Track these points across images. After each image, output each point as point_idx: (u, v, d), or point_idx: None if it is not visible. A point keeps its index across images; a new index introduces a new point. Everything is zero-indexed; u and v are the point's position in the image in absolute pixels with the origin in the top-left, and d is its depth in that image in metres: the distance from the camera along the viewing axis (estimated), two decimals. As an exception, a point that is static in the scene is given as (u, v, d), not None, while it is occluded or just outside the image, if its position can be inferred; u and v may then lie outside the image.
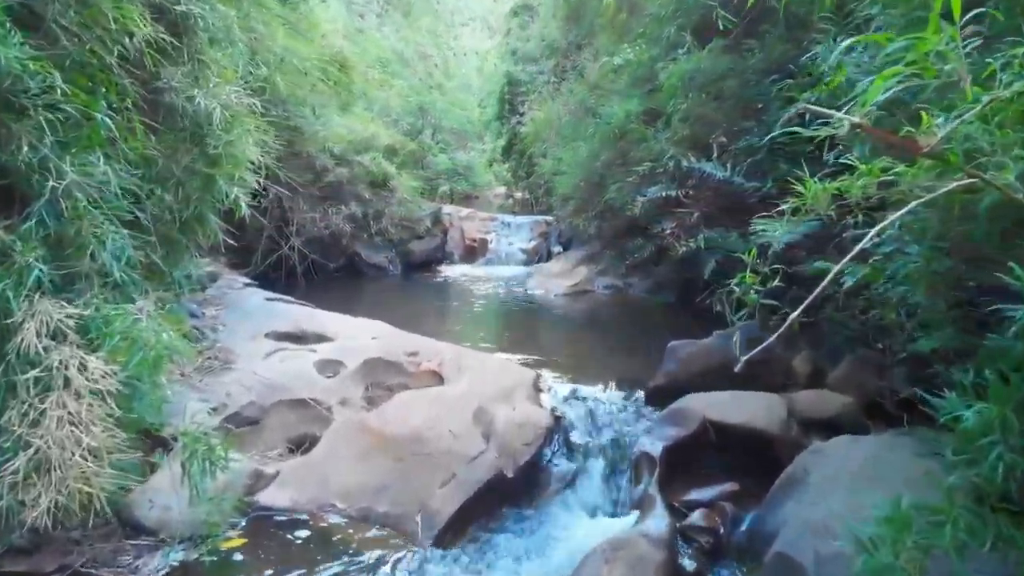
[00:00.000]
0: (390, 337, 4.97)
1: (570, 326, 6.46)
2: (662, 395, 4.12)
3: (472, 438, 3.40)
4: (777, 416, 3.69)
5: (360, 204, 8.90)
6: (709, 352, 4.10)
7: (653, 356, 5.11)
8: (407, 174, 9.44)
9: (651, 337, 5.80)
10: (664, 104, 6.77)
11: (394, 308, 7.28)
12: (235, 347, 4.61)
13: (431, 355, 4.67)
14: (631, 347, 5.48)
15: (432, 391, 3.97)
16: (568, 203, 8.86)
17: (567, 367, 4.91)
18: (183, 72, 3.88)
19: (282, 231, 8.54)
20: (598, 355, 5.31)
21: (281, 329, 4.98)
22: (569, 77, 10.32)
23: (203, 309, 5.19)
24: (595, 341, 5.75)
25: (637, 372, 4.73)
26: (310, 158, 8.43)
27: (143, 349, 2.71)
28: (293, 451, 3.98)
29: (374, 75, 10.42)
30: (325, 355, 4.52)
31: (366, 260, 9.31)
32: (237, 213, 4.39)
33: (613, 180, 7.70)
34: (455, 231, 11.35)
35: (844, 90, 3.03)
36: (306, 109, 8.18)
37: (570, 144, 8.82)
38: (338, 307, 7.25)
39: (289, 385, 4.16)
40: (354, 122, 9.22)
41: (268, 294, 5.88)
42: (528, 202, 16.02)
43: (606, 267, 8.16)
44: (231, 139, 3.94)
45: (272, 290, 8.14)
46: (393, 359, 4.56)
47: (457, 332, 6.17)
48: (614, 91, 7.96)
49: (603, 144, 7.83)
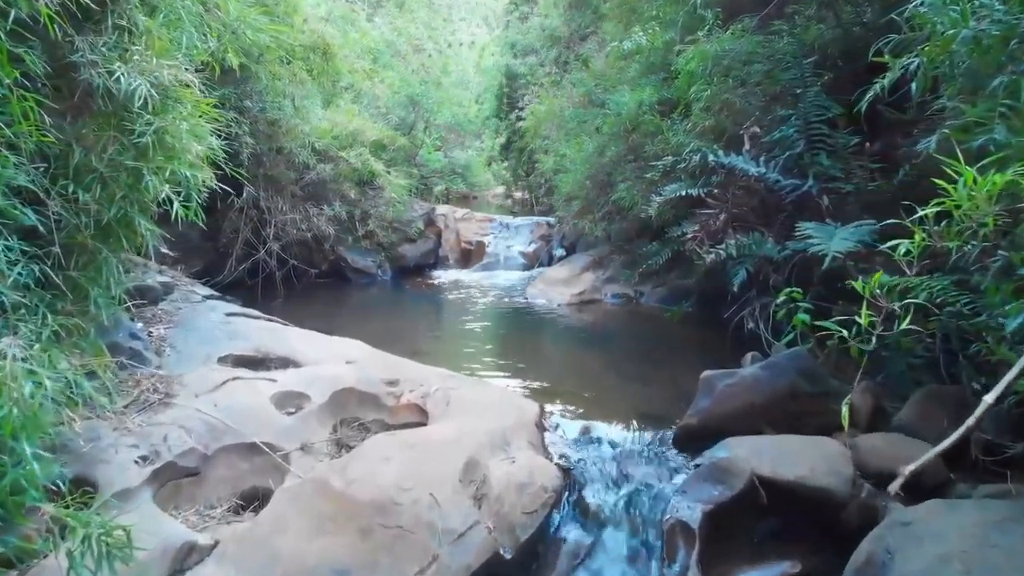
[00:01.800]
0: (367, 361, 4.22)
1: (577, 342, 5.71)
2: (694, 437, 3.38)
3: (459, 504, 2.65)
4: (841, 470, 2.95)
5: (345, 204, 8.15)
6: (752, 386, 3.36)
7: (677, 383, 4.37)
8: (397, 172, 8.70)
9: (672, 357, 5.07)
10: (682, 92, 6.05)
11: (379, 320, 6.54)
12: (181, 375, 3.86)
13: (414, 384, 3.93)
14: (650, 370, 4.74)
15: (412, 435, 3.22)
16: (572, 203, 8.14)
17: (576, 396, 4.16)
18: (104, 43, 3.13)
19: (260, 234, 7.80)
20: (611, 380, 4.57)
21: (239, 352, 4.23)
22: (572, 68, 9.59)
23: (150, 328, 4.44)
24: (607, 362, 5.01)
25: (659, 404, 4.00)
26: (290, 154, 7.68)
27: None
28: (242, 509, 3.23)
29: (363, 66, 9.67)
30: (287, 385, 3.77)
31: (352, 265, 8.56)
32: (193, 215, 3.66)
33: (622, 178, 6.98)
34: (450, 233, 10.61)
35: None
36: (285, 100, 7.43)
37: (574, 139, 8.09)
38: (317, 319, 6.53)
39: (239, 425, 3.40)
40: (339, 116, 8.47)
41: (232, 307, 5.12)
42: (528, 202, 15.30)
43: (614, 274, 7.42)
44: (164, 125, 3.19)
45: (248, 299, 7.41)
46: (369, 390, 3.82)
47: (448, 350, 5.43)
48: (623, 80, 7.22)
49: (611, 138, 7.10)
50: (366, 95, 9.44)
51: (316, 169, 7.86)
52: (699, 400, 3.43)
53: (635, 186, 6.83)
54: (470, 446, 3.02)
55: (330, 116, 8.41)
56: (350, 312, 6.98)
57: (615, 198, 7.06)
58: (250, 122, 7.28)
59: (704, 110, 5.49)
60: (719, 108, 5.33)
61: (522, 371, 4.75)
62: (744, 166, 4.53)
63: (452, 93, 18.61)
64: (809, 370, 3.39)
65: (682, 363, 4.87)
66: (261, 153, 7.61)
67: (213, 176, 5.18)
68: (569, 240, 9.43)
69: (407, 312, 7.05)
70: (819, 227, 3.71)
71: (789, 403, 3.36)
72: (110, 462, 3.11)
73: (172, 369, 3.95)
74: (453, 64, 21.04)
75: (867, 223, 3.68)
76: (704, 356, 4.99)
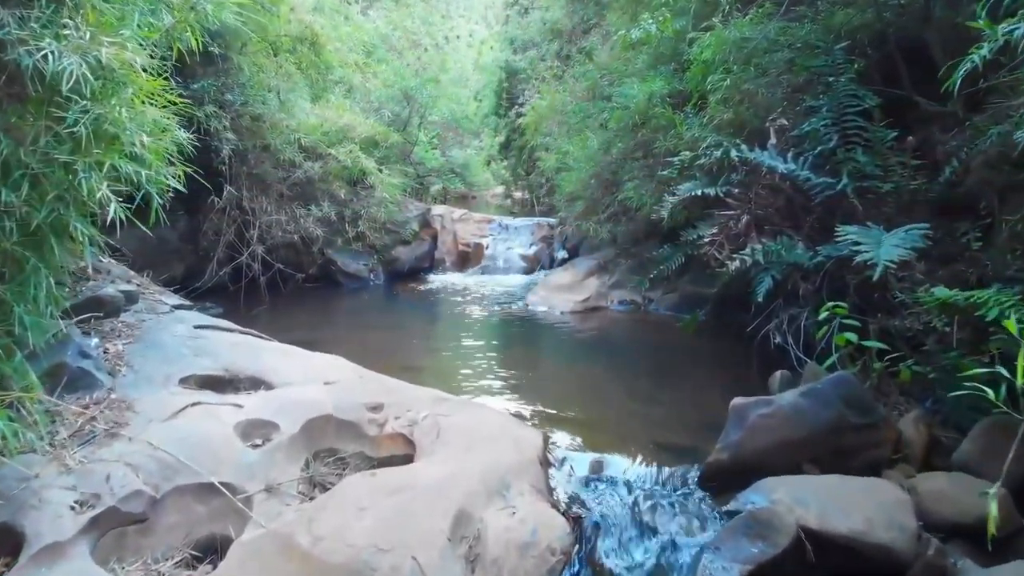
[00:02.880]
0: (349, 382, 3.75)
1: (583, 356, 5.23)
2: (725, 476, 2.91)
3: (448, 571, 2.18)
4: (903, 521, 2.48)
5: (335, 204, 7.68)
6: (792, 418, 2.88)
7: (697, 405, 3.91)
8: (390, 170, 8.22)
9: (689, 374, 4.61)
10: (695, 84, 5.58)
11: (369, 329, 6.08)
12: (135, 400, 3.39)
13: (401, 409, 3.46)
14: (665, 389, 4.27)
15: (394, 476, 2.75)
16: (575, 203, 7.67)
17: (584, 422, 3.69)
18: (36, 18, 2.67)
19: (244, 236, 7.32)
20: (623, 402, 4.10)
21: (204, 371, 3.75)
22: (575, 62, 9.12)
23: (106, 344, 3.96)
24: (616, 379, 4.53)
25: (679, 431, 3.53)
26: (276, 151, 7.21)
27: None
28: (197, 562, 2.77)
29: (355, 59, 9.21)
30: (255, 412, 3.29)
31: (342, 269, 8.08)
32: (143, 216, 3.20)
33: (629, 176, 6.52)
34: (447, 235, 10.14)
35: None
36: (270, 94, 6.96)
37: (577, 135, 7.62)
38: (301, 329, 6.05)
39: (196, 461, 2.93)
40: (329, 111, 8.00)
41: (203, 318, 4.65)
42: (528, 202, 14.84)
43: (621, 279, 6.95)
44: (103, 112, 2.72)
45: (230, 305, 6.95)
46: (348, 417, 3.35)
47: (441, 366, 4.95)
48: (631, 72, 6.75)
49: (618, 134, 6.64)
50: (358, 90, 8.97)
51: (303, 167, 7.39)
52: (729, 432, 2.96)
53: (643, 185, 6.37)
54: (462, 492, 2.55)
55: (319, 111, 7.93)
56: (338, 320, 6.51)
57: (622, 198, 6.60)
58: (231, 116, 6.81)
59: (722, 102, 5.02)
60: (739, 99, 4.86)
61: (523, 390, 4.28)
62: (771, 162, 4.06)
63: (450, 91, 18.17)
64: (856, 398, 2.92)
65: (701, 381, 4.41)
66: (245, 150, 7.14)
67: (181, 174, 4.74)
68: (572, 242, 8.96)
69: (399, 320, 6.57)
70: (864, 231, 3.24)
71: (834, 437, 2.89)
72: (41, 508, 2.66)
73: (126, 392, 3.48)
74: (452, 61, 20.61)
75: (918, 227, 3.21)
76: (725, 373, 4.52)
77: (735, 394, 4.11)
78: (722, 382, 4.35)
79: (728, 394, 4.08)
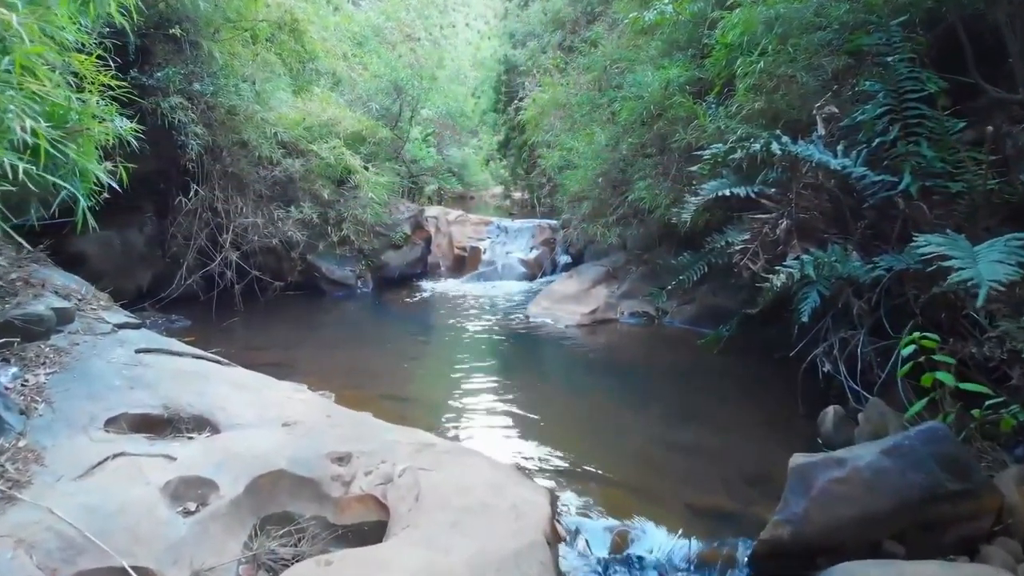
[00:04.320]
0: (313, 422, 3.10)
1: (593, 381, 4.56)
2: (784, 559, 2.26)
3: None
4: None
5: (317, 205, 7.02)
6: (872, 484, 2.23)
7: (735, 451, 3.25)
8: (379, 168, 7.55)
9: (720, 408, 3.95)
10: (718, 70, 4.93)
11: (350, 347, 5.41)
12: (47, 450, 2.74)
13: (374, 459, 2.82)
14: (693, 427, 3.61)
15: (354, 570, 2.08)
16: (580, 204, 7.03)
17: (600, 475, 3.03)
18: None
19: (218, 241, 6.67)
20: (645, 444, 3.43)
21: (139, 409, 3.10)
22: (579, 53, 8.46)
23: (26, 375, 3.31)
24: (635, 413, 3.87)
25: (716, 488, 2.87)
26: (252, 148, 6.55)
27: None
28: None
29: (343, 49, 8.55)
30: (191, 466, 2.64)
31: (327, 276, 7.43)
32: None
33: (641, 174, 5.87)
34: (442, 238, 9.50)
35: None
36: (244, 84, 6.30)
37: (583, 130, 6.97)
38: (274, 348, 5.36)
39: (108, 537, 2.28)
40: (312, 103, 7.34)
41: (152, 339, 3.99)
42: (528, 203, 14.19)
43: (632, 288, 6.30)
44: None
45: (201, 318, 6.29)
46: (307, 472, 2.70)
47: (428, 395, 4.29)
48: (642, 60, 6.10)
49: (628, 127, 6.00)
50: (346, 82, 8.31)
51: (283, 165, 6.73)
52: (790, 500, 2.30)
53: (657, 184, 5.73)
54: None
55: (302, 104, 7.27)
56: (317, 335, 5.84)
57: (632, 198, 5.96)
58: (202, 109, 6.16)
59: (752, 89, 4.37)
60: (773, 86, 4.21)
61: (524, 428, 3.63)
62: (822, 157, 3.40)
63: (448, 88, 17.49)
64: (952, 457, 2.27)
65: (734, 416, 3.75)
66: (218, 146, 6.49)
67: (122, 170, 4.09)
68: (576, 246, 8.31)
69: (385, 335, 5.91)
70: (951, 242, 2.59)
71: (926, 508, 2.24)
72: None
73: (37, 439, 2.83)
74: (449, 58, 19.93)
75: (1018, 237, 2.56)
76: (761, 405, 3.87)
77: (777, 434, 3.48)
78: (760, 417, 3.70)
79: (770, 435, 3.45)
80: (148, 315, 6.12)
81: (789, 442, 3.36)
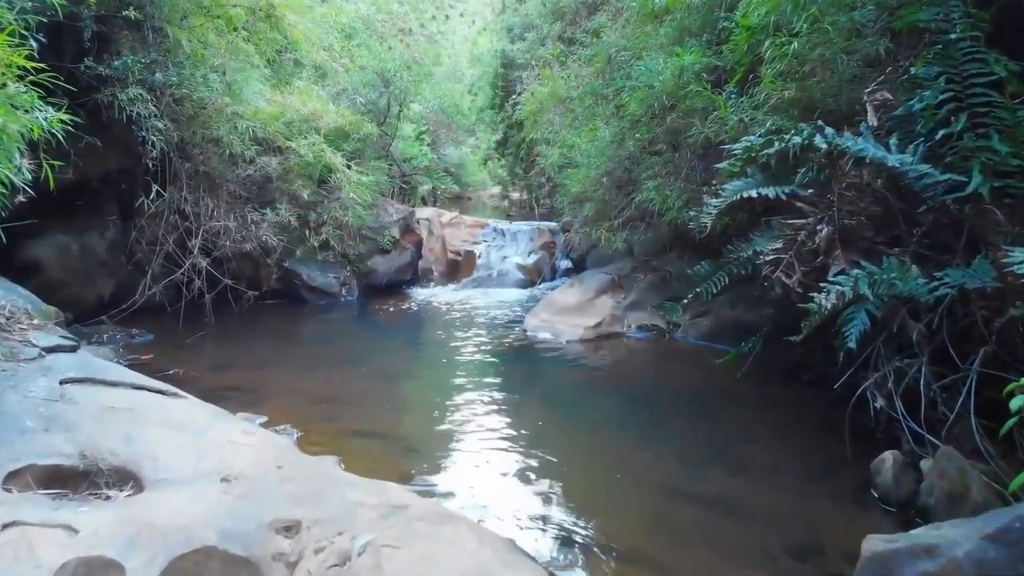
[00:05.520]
0: (260, 475, 2.54)
1: (599, 412, 3.95)
2: None
3: None
4: None
5: (296, 207, 6.46)
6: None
7: (780, 509, 2.68)
8: (365, 167, 6.98)
9: (752, 447, 3.37)
10: (739, 56, 4.38)
11: (326, 367, 4.83)
12: (-81, 516, 2.18)
13: (329, 529, 2.25)
14: (721, 472, 3.04)
15: None
16: (583, 206, 6.47)
17: (614, 547, 2.45)
18: None
19: (187, 246, 6.10)
20: (666, 500, 2.83)
21: (50, 458, 2.53)
22: (580, 45, 7.90)
23: (-84, 413, 2.75)
24: (650, 454, 3.27)
25: (755, 559, 2.30)
26: (222, 145, 5.98)
27: None
28: None
29: (324, 37, 7.97)
30: (95, 542, 2.08)
31: (307, 283, 6.86)
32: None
33: (650, 173, 5.32)
34: (434, 241, 8.93)
35: None
36: (214, 75, 5.73)
37: (586, 126, 6.41)
38: (242, 364, 4.68)
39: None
40: (291, 97, 6.77)
41: (87, 365, 3.42)
42: (527, 204, 13.65)
43: (640, 298, 5.74)
44: None
45: (166, 331, 5.70)
46: (244, 549, 2.13)
47: (409, 429, 3.69)
48: (652, 47, 5.54)
49: (637, 122, 5.44)
50: (330, 74, 7.73)
51: (258, 163, 6.17)
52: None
53: (667, 184, 5.17)
54: None
55: (281, 98, 6.70)
56: (290, 353, 5.27)
57: (640, 199, 5.40)
58: (167, 102, 5.59)
59: (781, 75, 3.81)
60: (809, 71, 3.65)
61: (519, 475, 3.06)
62: (876, 152, 2.84)
63: (445, 86, 16.92)
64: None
65: (768, 459, 3.18)
66: (186, 143, 5.92)
67: (47, 170, 3.53)
68: (577, 251, 7.74)
69: (367, 352, 5.32)
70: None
71: (1050, 615, 1.68)
72: None
73: (-89, 500, 2.27)
74: (446, 55, 19.35)
75: None
76: (799, 445, 3.31)
77: (821, 483, 2.91)
78: (797, 459, 3.14)
79: (813, 484, 2.87)
80: (106, 329, 5.55)
81: (836, 494, 2.81)
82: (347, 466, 2.97)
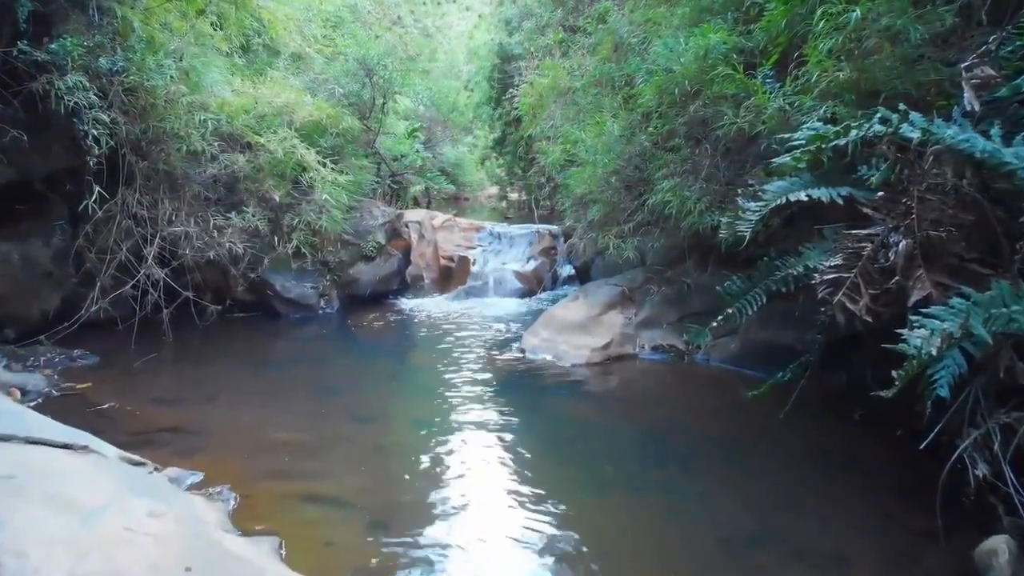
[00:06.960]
0: None
1: (613, 465, 3.16)
2: None
3: None
4: None
5: (267, 210, 5.77)
6: None
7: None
8: (346, 165, 6.30)
9: (801, 516, 2.67)
10: (775, 34, 3.71)
11: (285, 398, 4.13)
12: None
13: None
14: (774, 560, 2.35)
15: None
16: (588, 209, 5.79)
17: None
18: None
19: (142, 254, 5.41)
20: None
21: None
22: (583, 34, 7.21)
23: None
24: (679, 527, 2.58)
25: None
26: (180, 140, 5.29)
27: None
28: None
29: (312, 30, 7.31)
30: None
31: (281, 294, 6.18)
32: None
33: (665, 172, 4.65)
34: (425, 246, 8.25)
35: None
36: (168, 61, 5.04)
37: (591, 119, 5.72)
38: (191, 396, 3.78)
39: None
40: (263, 88, 6.08)
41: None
42: (526, 205, 12.96)
43: (654, 314, 5.05)
44: None
45: (116, 352, 4.95)
46: None
47: (373, 493, 2.94)
48: (670, 27, 4.85)
49: (649, 114, 4.77)
50: (308, 61, 7.04)
51: (220, 160, 5.48)
52: None
53: (686, 184, 4.49)
54: None
55: (252, 89, 6.01)
56: (249, 381, 4.55)
57: (653, 202, 4.72)
58: (116, 91, 4.90)
59: (833, 54, 3.13)
60: (873, 47, 2.96)
61: (508, 568, 2.37)
62: (985, 147, 2.15)
63: (441, 83, 16.21)
64: None
65: (833, 539, 2.47)
66: (139, 139, 5.23)
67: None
68: (581, 257, 7.06)
69: (339, 380, 4.60)
70: None
71: None
72: None
73: None
74: (442, 51, 18.65)
75: None
76: (865, 513, 2.61)
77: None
78: (869, 540, 2.45)
79: None
80: (44, 351, 4.86)
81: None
82: (289, 552, 2.28)
